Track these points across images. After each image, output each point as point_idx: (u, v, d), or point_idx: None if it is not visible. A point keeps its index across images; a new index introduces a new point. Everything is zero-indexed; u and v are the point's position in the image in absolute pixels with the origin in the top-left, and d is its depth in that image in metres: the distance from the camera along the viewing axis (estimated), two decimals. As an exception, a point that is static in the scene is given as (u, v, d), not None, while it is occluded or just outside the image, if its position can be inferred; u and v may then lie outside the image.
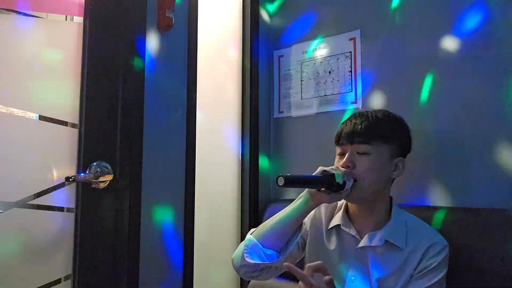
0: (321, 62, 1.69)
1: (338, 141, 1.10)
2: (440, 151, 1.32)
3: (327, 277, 0.85)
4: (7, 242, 1.22)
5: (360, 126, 1.06)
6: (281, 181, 0.94)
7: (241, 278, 1.54)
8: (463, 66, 1.31)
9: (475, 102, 1.27)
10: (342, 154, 1.08)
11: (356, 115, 1.11)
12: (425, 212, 1.22)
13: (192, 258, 1.46)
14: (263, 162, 1.77)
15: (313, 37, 1.72)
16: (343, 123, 1.12)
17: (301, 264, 1.17)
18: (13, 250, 1.22)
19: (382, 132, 1.06)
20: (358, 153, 1.05)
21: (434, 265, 0.99)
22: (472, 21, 1.30)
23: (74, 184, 1.28)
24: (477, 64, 1.28)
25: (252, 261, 1.03)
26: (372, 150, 1.04)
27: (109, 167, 1.26)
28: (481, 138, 1.25)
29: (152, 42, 1.38)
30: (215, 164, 1.64)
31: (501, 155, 1.21)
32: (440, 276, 0.99)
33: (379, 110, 1.12)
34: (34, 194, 1.26)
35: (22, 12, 1.29)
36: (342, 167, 1.04)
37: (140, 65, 1.32)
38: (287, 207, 1.09)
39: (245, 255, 1.05)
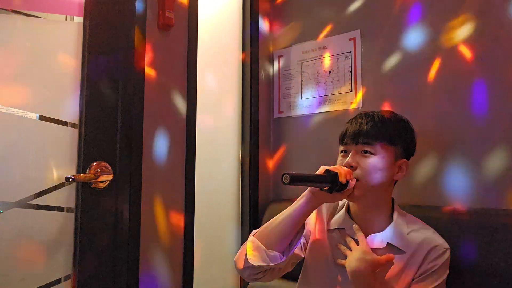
0: (321, 62, 1.68)
1: (343, 140, 1.09)
2: (440, 151, 1.32)
3: None
4: (7, 242, 1.22)
5: (365, 127, 1.05)
6: (286, 179, 0.93)
7: (241, 277, 1.54)
8: (464, 67, 1.31)
9: (475, 103, 1.28)
10: (345, 153, 1.08)
11: (362, 115, 1.10)
12: (426, 212, 1.22)
13: (192, 258, 1.46)
14: (263, 162, 1.78)
15: (313, 37, 1.71)
16: (348, 122, 1.11)
17: (301, 265, 1.17)
18: (13, 250, 1.22)
19: (387, 133, 1.05)
20: (362, 153, 1.04)
21: (435, 268, 0.98)
22: (473, 22, 1.30)
23: (74, 184, 1.28)
24: (478, 65, 1.28)
25: (256, 264, 1.01)
26: (376, 151, 1.03)
27: (109, 167, 1.26)
28: (481, 138, 1.25)
29: (152, 42, 1.38)
30: (215, 164, 1.64)
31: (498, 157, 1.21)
32: (440, 279, 0.98)
33: (385, 111, 1.12)
34: (34, 194, 1.26)
35: (22, 12, 1.29)
36: (346, 166, 1.04)
37: (140, 65, 1.32)
38: (289, 207, 1.07)
39: (249, 257, 1.03)
